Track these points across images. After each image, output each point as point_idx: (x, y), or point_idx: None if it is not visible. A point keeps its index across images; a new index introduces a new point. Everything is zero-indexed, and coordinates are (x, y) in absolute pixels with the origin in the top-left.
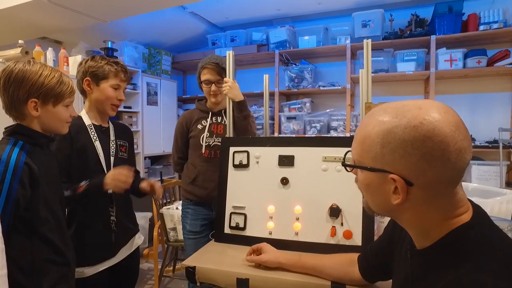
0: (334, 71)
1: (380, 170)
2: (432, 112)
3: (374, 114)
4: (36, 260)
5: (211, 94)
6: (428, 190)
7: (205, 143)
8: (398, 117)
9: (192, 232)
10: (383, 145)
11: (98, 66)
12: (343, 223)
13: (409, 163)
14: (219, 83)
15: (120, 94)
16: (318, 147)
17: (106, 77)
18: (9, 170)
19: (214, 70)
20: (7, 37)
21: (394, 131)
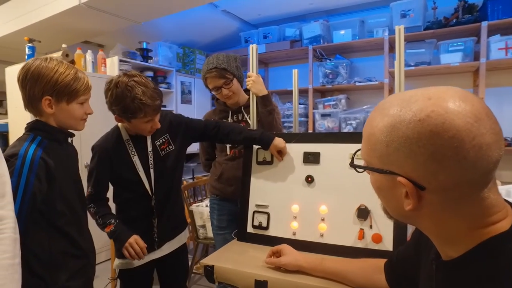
0: (371, 66)
1: (387, 171)
2: (444, 101)
3: (380, 107)
4: (53, 252)
5: (226, 98)
6: (444, 194)
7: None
8: (403, 110)
9: (219, 227)
10: (387, 144)
11: (123, 107)
12: (372, 225)
13: (417, 164)
14: (226, 84)
15: (154, 124)
16: (346, 143)
17: (136, 116)
18: (26, 164)
19: (215, 76)
20: (54, 42)
21: (398, 127)
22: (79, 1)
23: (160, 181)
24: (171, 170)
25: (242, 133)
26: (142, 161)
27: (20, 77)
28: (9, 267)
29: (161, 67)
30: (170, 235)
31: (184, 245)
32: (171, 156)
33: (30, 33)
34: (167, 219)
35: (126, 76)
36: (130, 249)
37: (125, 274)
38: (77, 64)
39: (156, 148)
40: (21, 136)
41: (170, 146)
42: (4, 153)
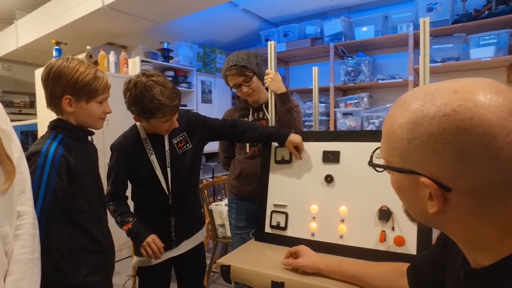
0: (395, 63)
1: (409, 171)
2: (473, 94)
3: (401, 101)
4: (74, 247)
5: (246, 96)
6: (474, 197)
7: None
8: (426, 105)
9: (237, 227)
10: (409, 141)
11: (142, 106)
12: (395, 227)
13: (442, 163)
14: (246, 82)
15: (172, 123)
16: (367, 141)
17: (154, 116)
18: (48, 162)
19: (235, 73)
20: (79, 45)
21: (420, 123)
22: (102, 3)
23: (177, 180)
24: (188, 169)
25: (258, 130)
26: (159, 160)
27: (43, 76)
28: (28, 262)
29: (181, 67)
30: (187, 234)
31: (201, 244)
32: (188, 154)
33: (57, 36)
34: (184, 218)
35: (145, 76)
36: (147, 248)
37: (143, 272)
38: (100, 65)
39: (173, 146)
40: (44, 134)
41: (187, 144)
42: (28, 151)
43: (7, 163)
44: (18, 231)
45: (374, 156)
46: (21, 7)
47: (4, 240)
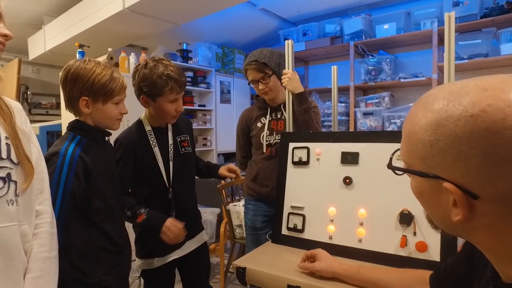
0: (418, 61)
1: (431, 175)
2: (504, 93)
3: (423, 100)
4: (92, 247)
5: (262, 93)
6: (504, 205)
7: (265, 142)
8: (451, 104)
9: (252, 228)
10: (431, 144)
11: (151, 82)
12: (416, 232)
13: (468, 168)
14: (264, 79)
15: (178, 106)
16: (387, 142)
17: (161, 94)
18: (66, 162)
19: (254, 69)
20: (101, 47)
21: (444, 124)
22: (123, 6)
23: (179, 175)
24: (189, 170)
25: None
26: (162, 152)
27: (61, 78)
28: (46, 260)
29: (200, 67)
30: (190, 233)
31: (204, 244)
32: (189, 157)
33: (81, 39)
34: (185, 213)
35: (154, 59)
36: (168, 233)
37: (147, 274)
38: (121, 66)
39: (176, 143)
40: (63, 135)
41: (189, 148)
42: (47, 152)
43: (26, 163)
44: (36, 230)
45: (394, 158)
46: (49, 13)
47: (23, 239)
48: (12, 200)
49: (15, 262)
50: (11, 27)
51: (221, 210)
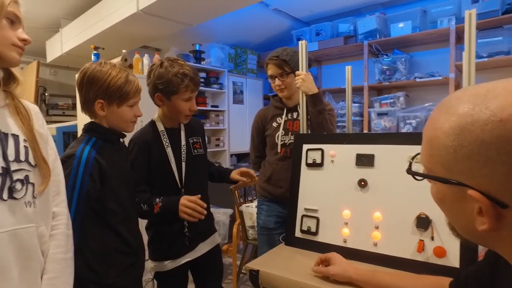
0: (434, 60)
1: (455, 182)
2: None
3: (446, 103)
4: (106, 248)
5: (278, 89)
6: None
7: (280, 142)
8: (477, 108)
9: (265, 229)
10: (455, 149)
11: (167, 80)
12: (434, 237)
13: (496, 176)
14: (282, 76)
15: (192, 105)
16: (404, 145)
17: (177, 92)
18: (81, 165)
19: (275, 64)
20: (116, 49)
21: (469, 129)
22: (137, 8)
23: (191, 177)
24: (201, 172)
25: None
26: (175, 153)
27: (77, 81)
28: (61, 261)
29: (213, 68)
30: (201, 234)
31: (217, 246)
32: (202, 159)
33: (96, 41)
34: None
35: (169, 59)
36: (186, 210)
37: (160, 276)
38: (135, 68)
39: (189, 144)
40: (79, 137)
41: (201, 150)
42: (63, 154)
43: (43, 165)
44: (53, 231)
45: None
46: (66, 16)
47: (40, 240)
48: (30, 202)
49: (33, 262)
50: (30, 31)
51: (234, 211)
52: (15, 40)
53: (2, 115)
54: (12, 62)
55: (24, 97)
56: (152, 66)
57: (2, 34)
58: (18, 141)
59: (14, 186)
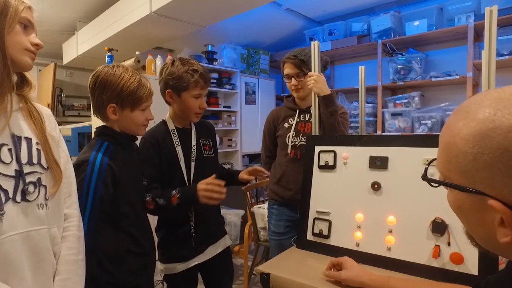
0: (451, 59)
1: (473, 191)
2: None
3: (464, 108)
4: (119, 249)
5: (293, 89)
6: None
7: (291, 143)
8: (499, 113)
9: (276, 233)
10: (475, 157)
11: (178, 76)
12: (451, 242)
13: None
14: (299, 76)
15: (202, 103)
16: (419, 147)
17: (187, 88)
18: (95, 170)
19: (293, 63)
20: (129, 50)
21: (490, 136)
22: (150, 10)
23: (200, 177)
24: (211, 173)
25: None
26: (184, 152)
27: (90, 85)
28: (74, 263)
29: (225, 69)
30: (210, 237)
31: (227, 249)
32: (211, 161)
33: (110, 43)
34: (206, 217)
35: (180, 59)
36: (206, 194)
37: (170, 278)
38: (148, 69)
39: (199, 145)
40: (91, 141)
41: (210, 152)
42: (77, 159)
43: (55, 168)
44: (64, 233)
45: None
46: (81, 19)
47: (53, 241)
48: (42, 204)
49: (46, 264)
50: (48, 34)
51: (246, 212)
52: (27, 45)
53: (15, 119)
54: (24, 66)
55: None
56: (164, 65)
57: (15, 39)
58: (31, 144)
59: (27, 189)
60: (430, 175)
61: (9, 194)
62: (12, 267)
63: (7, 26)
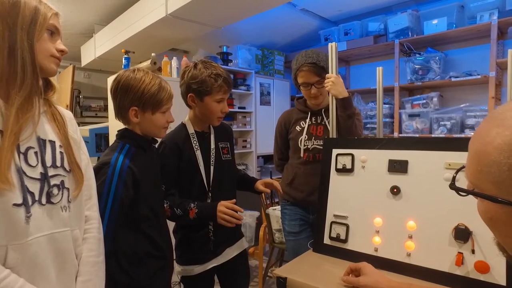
0: (472, 58)
1: (507, 202)
2: None
3: (497, 115)
4: (138, 252)
5: (312, 97)
6: None
7: (303, 146)
8: None
9: (291, 233)
10: (510, 167)
11: (201, 80)
12: (475, 250)
13: None
14: (318, 83)
15: (224, 107)
16: (440, 150)
17: (210, 93)
18: (116, 173)
19: (312, 71)
20: (145, 52)
21: None
22: (166, 12)
23: (219, 181)
24: (229, 176)
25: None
26: (204, 156)
27: (112, 89)
28: (94, 264)
29: (240, 70)
30: (228, 239)
31: (244, 251)
32: (229, 164)
33: (126, 45)
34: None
35: (202, 61)
36: (224, 216)
37: (187, 280)
38: (163, 71)
39: (218, 149)
40: (112, 144)
41: (228, 155)
42: (99, 161)
43: (77, 170)
44: (86, 234)
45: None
46: (99, 22)
47: (75, 243)
48: (65, 207)
49: (68, 265)
50: (68, 37)
51: (261, 213)
52: (54, 51)
53: (40, 122)
54: (50, 72)
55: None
56: (185, 68)
57: (43, 46)
58: (55, 147)
59: (51, 191)
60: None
61: (35, 197)
62: (39, 268)
63: (37, 34)
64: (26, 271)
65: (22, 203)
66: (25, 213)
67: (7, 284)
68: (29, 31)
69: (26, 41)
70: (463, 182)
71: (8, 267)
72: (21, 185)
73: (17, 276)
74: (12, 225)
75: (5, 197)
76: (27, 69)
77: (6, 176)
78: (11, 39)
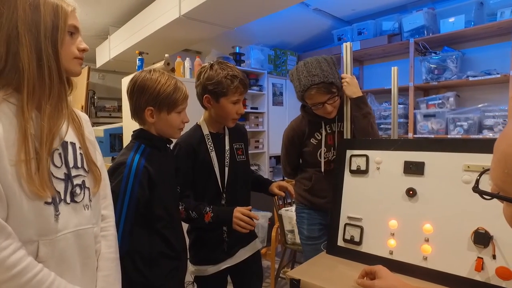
0: (490, 56)
1: None
2: None
3: None
4: (153, 252)
5: (327, 113)
6: None
7: (323, 159)
8: None
9: (310, 238)
10: None
11: (217, 81)
12: (496, 255)
13: None
14: (332, 99)
15: (240, 108)
16: (458, 152)
17: (226, 94)
18: (132, 173)
19: (323, 92)
20: (159, 53)
21: None
22: (179, 13)
23: (233, 182)
24: (244, 178)
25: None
26: (218, 157)
27: (128, 89)
28: (113, 260)
29: (253, 70)
30: (241, 240)
31: (257, 252)
32: (244, 165)
33: (140, 47)
34: None
35: (218, 62)
36: (240, 223)
37: (200, 280)
38: (177, 71)
39: (233, 150)
40: (128, 144)
41: (243, 156)
42: (115, 161)
43: (94, 169)
44: (104, 232)
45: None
46: (114, 24)
47: (95, 240)
48: (87, 205)
49: (91, 260)
50: (83, 39)
51: (273, 214)
52: (76, 53)
53: None
54: (74, 74)
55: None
56: (201, 68)
57: (65, 50)
58: (75, 148)
59: (75, 191)
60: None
61: (61, 196)
62: (66, 263)
63: (60, 40)
64: (55, 266)
65: (51, 201)
66: (54, 211)
67: (41, 278)
68: (52, 38)
69: (50, 48)
70: (483, 184)
71: (39, 261)
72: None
73: (49, 271)
74: (43, 222)
75: None
76: (54, 77)
77: (47, 184)
78: (37, 49)
